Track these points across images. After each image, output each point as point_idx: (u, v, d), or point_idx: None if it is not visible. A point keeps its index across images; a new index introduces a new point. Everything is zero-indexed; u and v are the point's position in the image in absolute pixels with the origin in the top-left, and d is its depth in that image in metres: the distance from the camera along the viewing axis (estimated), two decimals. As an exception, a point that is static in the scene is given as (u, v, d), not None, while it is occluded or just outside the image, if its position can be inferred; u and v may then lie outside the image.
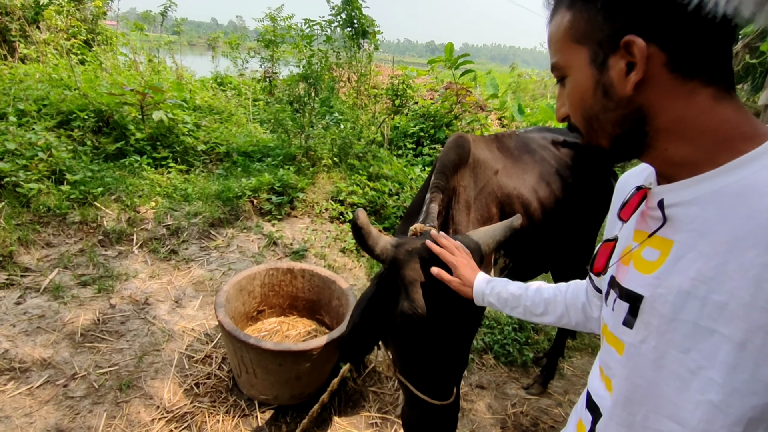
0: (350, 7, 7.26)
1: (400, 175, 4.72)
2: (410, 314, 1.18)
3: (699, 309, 0.62)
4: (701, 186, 0.64)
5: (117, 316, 2.77)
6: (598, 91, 0.68)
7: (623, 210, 0.77)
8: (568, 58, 0.72)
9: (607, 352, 0.80)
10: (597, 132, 0.72)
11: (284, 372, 2.18)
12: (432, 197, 1.67)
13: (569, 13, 0.70)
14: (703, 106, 0.64)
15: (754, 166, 0.60)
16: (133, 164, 4.12)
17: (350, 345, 1.28)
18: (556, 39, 0.73)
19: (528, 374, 3.02)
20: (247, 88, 8.11)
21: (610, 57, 0.66)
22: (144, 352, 2.55)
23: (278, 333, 2.66)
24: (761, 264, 0.56)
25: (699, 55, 0.63)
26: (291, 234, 3.92)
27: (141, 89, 4.58)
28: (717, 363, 0.60)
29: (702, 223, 0.63)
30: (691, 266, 0.63)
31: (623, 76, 0.65)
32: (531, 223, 2.08)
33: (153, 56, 8.47)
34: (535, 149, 2.30)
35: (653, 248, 0.70)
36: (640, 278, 0.71)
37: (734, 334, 0.58)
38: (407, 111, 6.84)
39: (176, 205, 3.75)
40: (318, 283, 2.70)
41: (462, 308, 1.23)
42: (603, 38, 0.66)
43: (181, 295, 3.05)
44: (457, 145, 1.89)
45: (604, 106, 0.69)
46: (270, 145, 5.16)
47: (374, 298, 1.28)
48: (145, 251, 3.36)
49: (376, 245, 1.20)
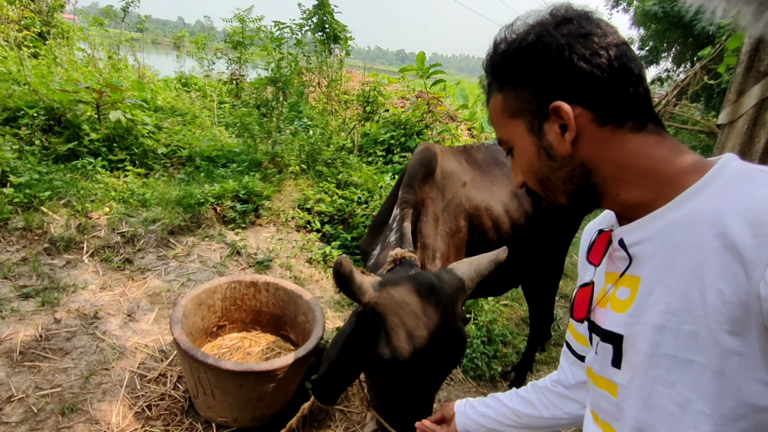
0: (322, 12, 7.17)
1: (369, 183, 4.63)
2: (390, 360, 1.13)
3: (674, 341, 0.64)
4: (656, 222, 0.68)
5: (62, 332, 2.55)
6: (542, 155, 0.75)
7: (591, 254, 0.83)
8: (508, 132, 0.79)
9: (599, 397, 0.79)
10: (552, 191, 0.78)
11: (245, 393, 2.05)
12: (403, 214, 1.61)
13: (500, 94, 0.78)
14: (638, 150, 0.70)
15: (699, 197, 0.64)
16: (87, 166, 3.85)
17: (327, 384, 1.21)
18: (495, 118, 0.81)
19: (496, 388, 2.98)
20: (213, 90, 7.86)
21: (544, 123, 0.73)
22: (91, 372, 2.36)
23: (240, 350, 2.51)
24: (717, 290, 0.59)
25: (620, 106, 0.70)
26: (255, 243, 3.77)
27: (98, 87, 4.32)
28: (702, 394, 0.62)
29: (663, 257, 0.67)
30: (660, 300, 0.66)
31: (560, 138, 0.71)
32: (499, 237, 2.05)
33: (114, 53, 8.09)
34: (503, 162, 2.28)
35: (625, 287, 0.73)
36: (617, 318, 0.73)
37: (711, 362, 0.60)
38: (378, 118, 6.78)
39: (132, 211, 3.54)
40: (283, 297, 2.58)
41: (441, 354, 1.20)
42: (533, 109, 0.73)
43: (134, 308, 2.86)
44: (423, 157, 1.84)
45: (550, 167, 0.75)
46: (235, 150, 4.98)
47: (353, 335, 1.22)
48: (96, 260, 3.14)
49: (360, 291, 1.14)
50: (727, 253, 0.59)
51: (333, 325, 3.07)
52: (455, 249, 1.90)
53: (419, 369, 1.17)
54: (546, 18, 0.73)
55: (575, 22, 0.71)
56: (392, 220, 1.72)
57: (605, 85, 0.69)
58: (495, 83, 0.79)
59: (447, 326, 1.21)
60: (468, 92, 10.27)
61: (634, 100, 0.70)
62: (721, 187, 0.63)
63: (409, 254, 1.39)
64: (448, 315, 1.21)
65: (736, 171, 0.64)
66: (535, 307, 2.83)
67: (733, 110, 2.59)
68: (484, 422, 1.09)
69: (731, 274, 0.58)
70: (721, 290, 0.59)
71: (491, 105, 0.81)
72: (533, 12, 0.76)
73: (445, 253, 1.84)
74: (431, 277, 1.24)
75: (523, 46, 0.73)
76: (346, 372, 1.24)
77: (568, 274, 4.77)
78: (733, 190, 0.62)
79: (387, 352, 1.14)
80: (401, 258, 1.38)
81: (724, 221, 0.60)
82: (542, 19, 0.74)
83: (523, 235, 2.15)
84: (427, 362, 1.18)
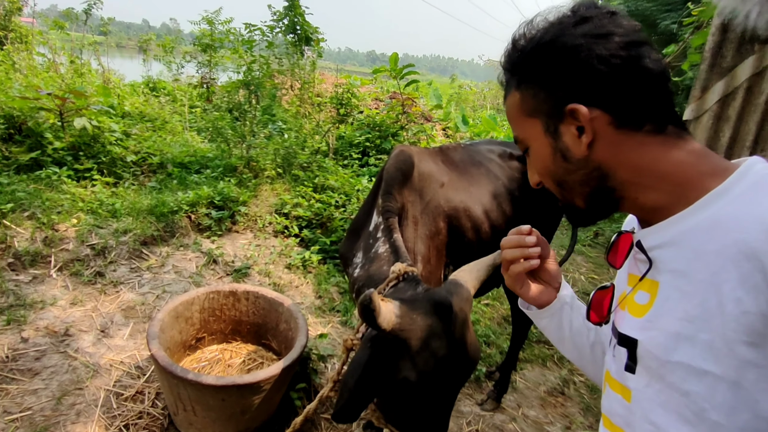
0: (292, 13, 7.10)
1: (346, 186, 4.60)
2: (417, 382, 1.15)
3: (690, 349, 0.62)
4: (675, 227, 0.67)
5: (30, 352, 2.43)
6: (557, 156, 0.74)
7: (610, 255, 0.81)
8: (525, 131, 0.78)
9: (613, 400, 0.77)
10: (569, 193, 0.77)
11: (228, 407, 1.99)
12: (389, 224, 1.59)
13: (518, 92, 0.76)
14: (656, 153, 0.68)
15: (720, 202, 0.62)
16: (51, 176, 3.69)
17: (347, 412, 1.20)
18: (512, 116, 0.80)
19: (481, 389, 2.99)
20: (183, 94, 7.67)
21: (560, 125, 0.72)
22: (63, 392, 2.25)
23: (220, 362, 2.44)
24: (736, 299, 0.57)
25: (639, 108, 0.68)
26: (232, 251, 3.69)
27: (60, 93, 4.15)
28: (717, 405, 0.60)
29: (681, 262, 0.65)
30: (677, 307, 0.64)
31: (576, 140, 0.70)
32: (479, 238, 2.05)
33: (76, 57, 7.81)
34: (481, 162, 2.28)
35: (644, 291, 0.71)
36: (633, 322, 0.72)
37: (727, 373, 0.59)
38: (352, 120, 6.75)
39: (102, 222, 3.41)
40: (264, 305, 2.52)
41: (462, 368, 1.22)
42: (549, 110, 0.72)
43: (108, 323, 2.75)
44: (399, 161, 1.83)
45: (566, 169, 0.74)
46: (208, 156, 4.87)
47: (370, 363, 1.20)
48: (65, 274, 3.01)
49: (384, 321, 1.12)
50: (746, 261, 0.57)
51: (315, 332, 3.03)
52: (435, 251, 1.89)
53: (443, 387, 1.20)
54: (566, 15, 0.71)
55: (595, 20, 0.69)
56: (374, 228, 1.70)
57: (623, 87, 0.67)
58: (513, 80, 0.78)
59: (466, 342, 1.23)
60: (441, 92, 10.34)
61: (653, 103, 0.69)
62: (741, 192, 0.61)
63: (411, 269, 1.39)
64: (465, 329, 1.22)
65: (758, 176, 0.62)
66: (515, 305, 2.85)
67: (697, 106, 2.68)
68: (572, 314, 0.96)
69: (751, 284, 0.56)
70: (740, 299, 0.57)
71: (508, 102, 0.80)
72: (554, 8, 0.74)
73: (426, 256, 1.83)
74: (446, 295, 1.24)
75: (541, 45, 0.71)
76: (365, 397, 1.23)
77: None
78: (755, 196, 0.60)
79: (413, 375, 1.14)
80: (404, 273, 1.37)
81: (744, 228, 0.58)
82: (562, 17, 0.72)
83: (503, 234, 2.15)
84: (450, 379, 1.20)
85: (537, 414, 2.87)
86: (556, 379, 3.18)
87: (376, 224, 1.69)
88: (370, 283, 1.47)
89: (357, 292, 1.57)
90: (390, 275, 1.36)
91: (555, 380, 3.16)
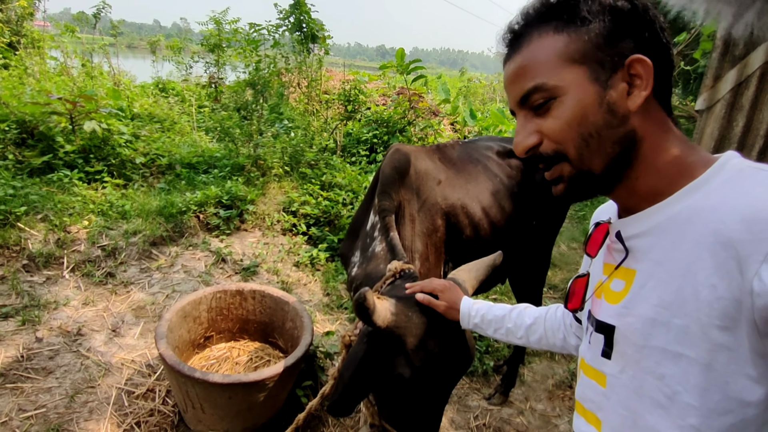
0: (298, 11, 7.09)
1: (353, 184, 4.61)
2: (411, 379, 1.16)
3: (665, 334, 0.65)
4: (654, 217, 0.69)
5: (44, 351, 2.49)
6: (602, 108, 0.68)
7: (588, 245, 0.82)
8: (561, 78, 0.70)
9: (587, 386, 0.80)
10: (594, 153, 0.70)
11: (235, 405, 2.02)
12: (386, 223, 1.60)
13: (561, 35, 0.70)
14: (671, 136, 0.70)
15: (697, 194, 0.65)
16: (63, 179, 3.77)
17: (341, 405, 1.22)
18: (543, 62, 0.71)
19: (489, 384, 2.99)
20: (191, 94, 7.74)
21: (612, 76, 0.68)
22: (76, 391, 2.31)
23: (228, 360, 2.48)
24: (710, 285, 0.60)
25: (667, 85, 0.70)
26: (241, 249, 3.73)
27: (71, 98, 4.22)
28: (690, 387, 0.63)
29: (658, 251, 0.67)
30: (652, 294, 0.67)
31: (625, 94, 0.68)
32: (478, 235, 2.04)
33: (87, 60, 7.92)
34: (478, 159, 2.27)
35: (620, 279, 0.74)
36: (610, 309, 0.74)
37: (700, 355, 0.62)
38: (360, 117, 6.74)
39: (112, 224, 3.47)
40: (270, 304, 2.55)
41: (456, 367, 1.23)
42: (604, 58, 0.68)
43: (119, 322, 2.80)
44: (394, 159, 1.84)
45: (607, 123, 0.69)
46: (216, 155, 4.91)
47: (366, 358, 1.22)
48: (77, 275, 3.07)
49: (379, 319, 1.15)
50: (722, 249, 0.59)
51: (323, 329, 3.05)
52: (434, 249, 1.89)
53: (437, 384, 1.21)
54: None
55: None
56: (371, 227, 1.70)
57: (669, 59, 0.69)
58: (552, 23, 0.71)
59: (459, 340, 1.24)
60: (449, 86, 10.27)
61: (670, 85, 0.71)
62: (719, 184, 0.64)
63: (407, 266, 1.40)
64: (460, 328, 1.23)
65: (735, 169, 0.64)
66: (523, 301, 2.83)
67: (710, 95, 2.62)
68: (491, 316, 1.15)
69: (725, 270, 0.59)
70: (714, 286, 0.59)
71: (537, 48, 0.72)
72: None
73: (424, 253, 1.83)
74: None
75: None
76: (360, 392, 1.25)
77: (556, 264, 4.81)
78: (731, 188, 0.62)
79: (408, 372, 1.15)
80: (401, 271, 1.38)
81: (721, 218, 0.60)
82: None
83: (503, 231, 2.14)
84: (444, 377, 1.21)
85: (545, 407, 2.87)
86: (564, 372, 3.16)
87: (373, 223, 1.70)
88: (367, 281, 1.49)
89: (355, 291, 1.58)
90: (387, 273, 1.37)
91: (563, 373, 3.15)
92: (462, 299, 1.19)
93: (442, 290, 1.21)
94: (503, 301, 3.89)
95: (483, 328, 1.15)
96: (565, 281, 4.51)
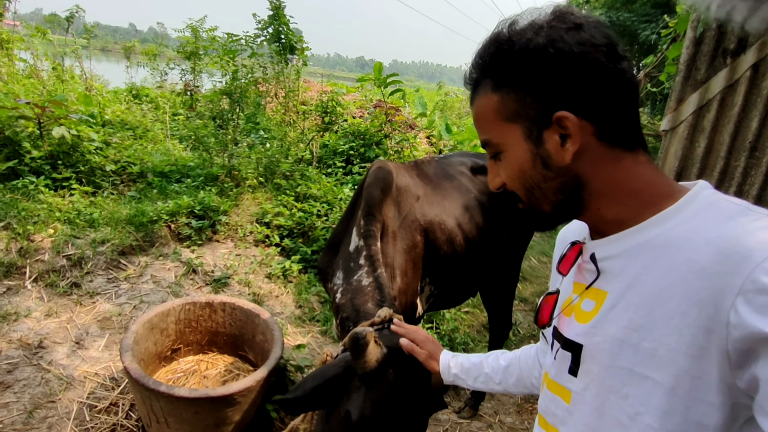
0: (277, 22, 7.11)
1: (329, 195, 4.62)
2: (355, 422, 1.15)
3: (633, 356, 0.66)
4: (627, 240, 0.70)
5: (2, 364, 2.41)
6: (537, 163, 0.73)
7: (561, 264, 0.83)
8: (501, 136, 0.75)
9: (551, 401, 0.82)
10: (539, 199, 0.76)
11: (201, 420, 2.00)
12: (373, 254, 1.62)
13: (496, 95, 0.74)
14: (628, 170, 0.71)
15: (670, 222, 0.66)
16: (28, 186, 3.66)
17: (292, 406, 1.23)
18: (485, 119, 0.77)
19: (459, 397, 3.03)
20: (166, 101, 7.63)
21: (544, 132, 0.71)
22: (35, 405, 2.24)
23: (196, 373, 2.44)
24: (681, 312, 0.61)
25: (620, 123, 0.70)
26: (212, 260, 3.68)
27: (40, 102, 4.12)
28: (652, 408, 0.64)
29: (629, 274, 0.69)
30: (622, 315, 0.68)
31: (559, 148, 0.70)
32: (453, 250, 2.09)
33: (58, 63, 7.74)
34: (453, 175, 2.33)
35: (590, 299, 0.75)
36: (579, 328, 0.75)
37: (665, 379, 0.63)
38: (337, 128, 6.77)
39: (79, 232, 3.39)
40: (240, 316, 2.53)
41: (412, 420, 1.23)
42: (535, 116, 0.71)
43: (83, 334, 2.73)
44: (378, 178, 1.86)
45: (544, 176, 0.73)
46: (190, 165, 4.85)
47: (333, 380, 1.23)
48: (40, 286, 2.98)
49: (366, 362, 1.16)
50: (695, 279, 0.60)
51: (294, 342, 3.04)
52: (412, 264, 1.92)
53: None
54: (553, 20, 0.70)
55: (587, 31, 0.68)
56: (355, 250, 1.70)
57: (612, 100, 0.68)
58: (489, 82, 0.75)
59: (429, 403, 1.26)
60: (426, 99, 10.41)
61: (631, 119, 0.71)
62: (692, 214, 0.65)
63: (396, 316, 1.41)
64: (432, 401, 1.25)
65: (707, 200, 0.66)
66: (493, 314, 2.89)
67: (674, 117, 2.75)
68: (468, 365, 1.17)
69: (697, 299, 0.60)
70: (684, 313, 0.60)
71: (481, 104, 0.77)
72: (534, 10, 0.73)
73: (403, 269, 1.86)
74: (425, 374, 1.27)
75: (532, 48, 0.68)
76: (313, 404, 1.26)
77: (526, 277, 4.91)
78: (704, 218, 0.64)
79: (355, 414, 1.15)
80: (390, 319, 1.39)
81: (695, 247, 0.62)
82: (551, 21, 0.70)
83: (476, 246, 2.20)
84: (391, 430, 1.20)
85: (513, 420, 2.91)
86: (533, 386, 3.22)
87: (358, 247, 1.70)
88: (356, 317, 1.49)
89: (342, 322, 1.58)
90: (375, 318, 1.39)
91: (531, 388, 3.21)
92: (442, 352, 1.22)
93: (423, 341, 1.23)
94: (475, 313, 3.96)
95: (463, 378, 1.16)
96: (535, 294, 4.60)
